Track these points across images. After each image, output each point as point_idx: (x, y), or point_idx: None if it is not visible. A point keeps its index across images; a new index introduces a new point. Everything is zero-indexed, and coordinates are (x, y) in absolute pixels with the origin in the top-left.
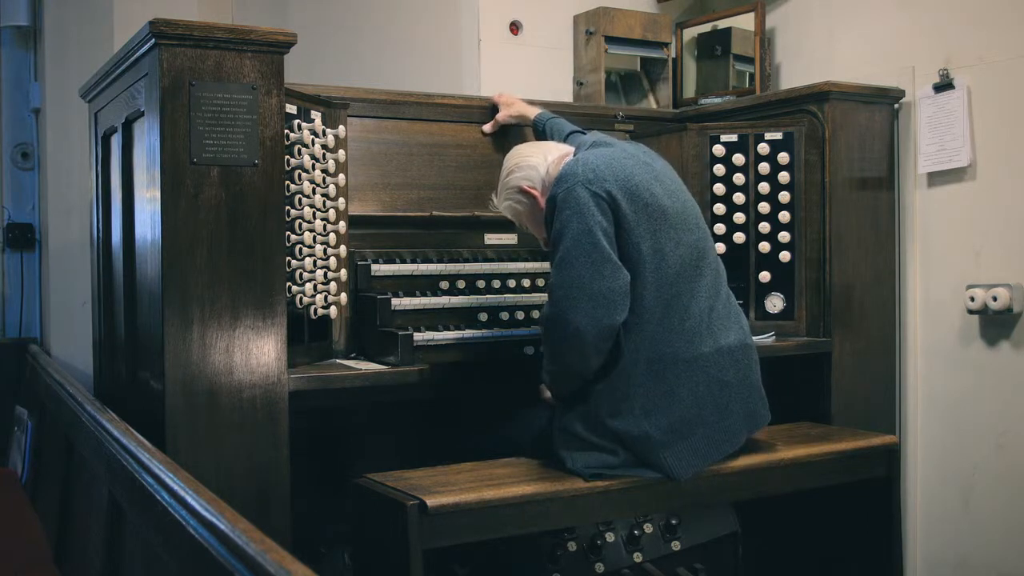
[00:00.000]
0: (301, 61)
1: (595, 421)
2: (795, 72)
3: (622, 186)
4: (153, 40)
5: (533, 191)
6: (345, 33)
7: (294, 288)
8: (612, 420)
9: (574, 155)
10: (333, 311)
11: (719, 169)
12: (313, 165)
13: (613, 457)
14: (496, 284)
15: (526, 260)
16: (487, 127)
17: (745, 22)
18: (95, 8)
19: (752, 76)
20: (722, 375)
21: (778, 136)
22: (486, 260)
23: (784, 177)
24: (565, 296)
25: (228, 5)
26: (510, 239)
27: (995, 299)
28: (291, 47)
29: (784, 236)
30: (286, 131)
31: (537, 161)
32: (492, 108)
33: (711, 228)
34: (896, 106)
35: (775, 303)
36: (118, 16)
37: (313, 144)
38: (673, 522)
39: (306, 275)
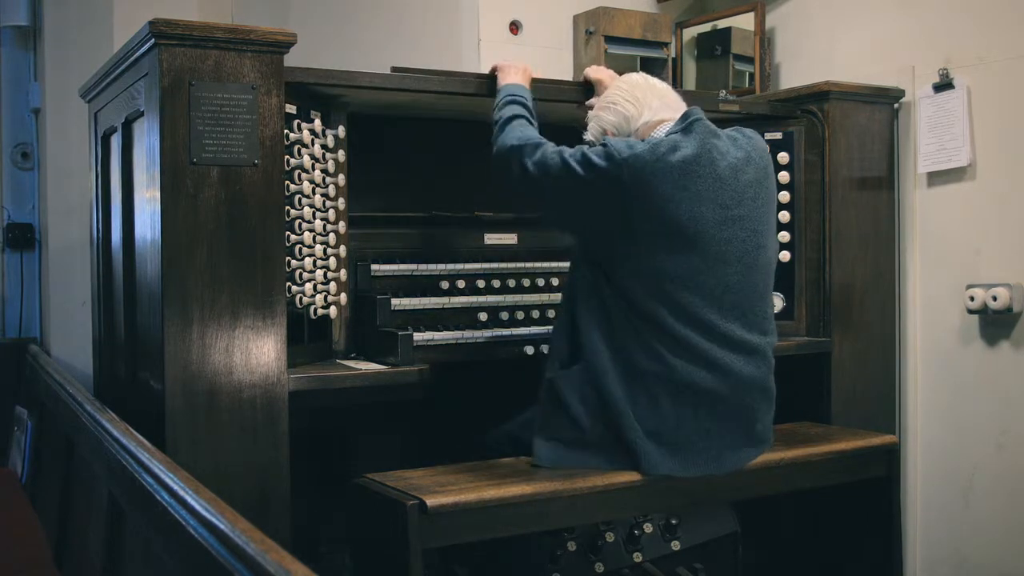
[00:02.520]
0: (301, 61)
1: (586, 381)
2: (795, 72)
3: (656, 206)
4: (153, 40)
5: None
6: (345, 33)
7: (294, 288)
8: (602, 381)
9: (657, 132)
10: (333, 311)
11: None
12: (313, 165)
13: (581, 430)
14: (496, 284)
15: (526, 260)
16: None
17: (745, 22)
18: (95, 8)
19: (752, 76)
20: (722, 412)
21: (778, 136)
22: (486, 260)
23: (784, 177)
24: (539, 173)
25: (228, 4)
26: (510, 239)
27: (995, 299)
28: (291, 47)
29: (784, 236)
30: (286, 131)
31: (632, 112)
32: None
33: None
34: (896, 106)
35: (775, 303)
36: (118, 16)
37: (313, 144)
38: (673, 522)
39: (306, 275)
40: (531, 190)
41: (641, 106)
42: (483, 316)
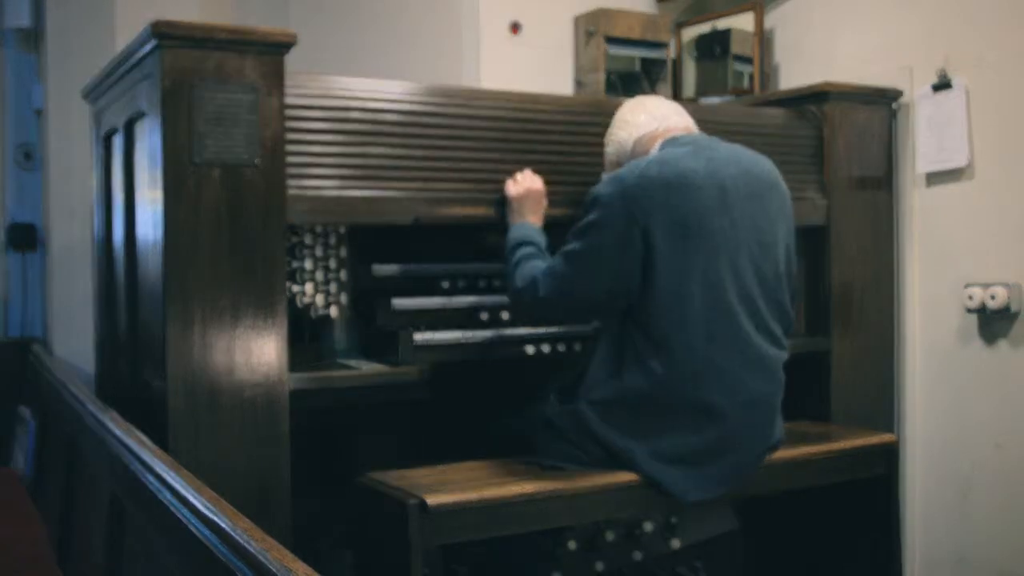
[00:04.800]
0: (301, 60)
1: (582, 423)
2: (794, 72)
3: (665, 216)
4: (155, 41)
5: (618, 161)
6: (344, 33)
7: (294, 288)
8: (599, 428)
9: (652, 151)
10: (333, 311)
11: None
12: None
13: (583, 454)
14: (497, 283)
15: None
16: None
17: (744, 22)
18: (97, 10)
19: (751, 76)
20: (730, 432)
21: None
22: (487, 260)
23: None
24: (553, 287)
25: (228, 5)
26: None
27: (993, 298)
28: (291, 48)
29: None
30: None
31: (624, 136)
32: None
33: None
34: (894, 106)
35: None
36: (120, 17)
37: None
38: (673, 521)
39: (306, 275)
40: (555, 309)
41: (630, 127)
42: (484, 316)
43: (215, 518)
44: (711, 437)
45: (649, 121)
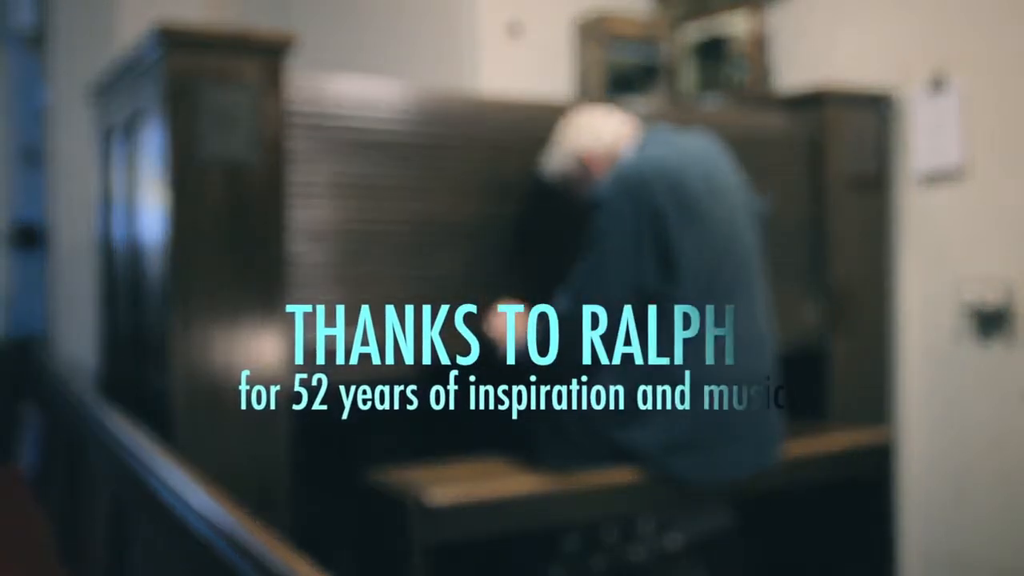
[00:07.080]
0: (301, 60)
1: (584, 419)
2: (792, 74)
3: (667, 194)
4: (157, 43)
5: (590, 161)
6: (345, 32)
7: None
8: (611, 431)
9: (637, 148)
10: None
11: None
12: None
13: (585, 452)
14: None
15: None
16: None
17: (743, 24)
18: (101, 10)
19: (749, 77)
20: (736, 415)
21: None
22: None
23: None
24: (574, 304)
25: (230, 4)
26: None
27: (988, 298)
28: (291, 48)
29: None
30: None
31: (597, 124)
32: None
33: None
34: (891, 107)
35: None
36: (124, 18)
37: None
38: (672, 519)
39: None
40: (575, 319)
41: (606, 131)
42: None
43: (217, 517)
44: (717, 420)
45: (616, 125)
